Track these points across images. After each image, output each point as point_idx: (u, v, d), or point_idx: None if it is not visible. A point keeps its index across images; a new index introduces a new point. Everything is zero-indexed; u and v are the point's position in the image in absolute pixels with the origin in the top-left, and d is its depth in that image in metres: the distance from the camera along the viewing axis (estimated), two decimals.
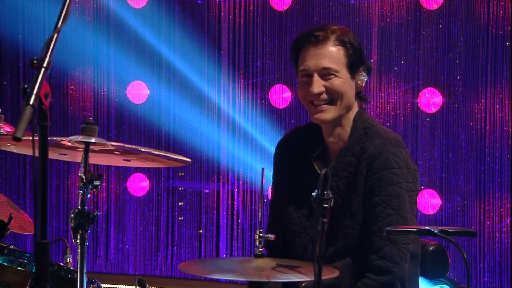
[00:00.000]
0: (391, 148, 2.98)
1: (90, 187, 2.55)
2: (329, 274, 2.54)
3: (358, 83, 3.06)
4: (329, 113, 3.03)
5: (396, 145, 3.00)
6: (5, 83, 6.29)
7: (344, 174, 2.99)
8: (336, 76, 3.00)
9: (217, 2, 5.97)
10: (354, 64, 3.03)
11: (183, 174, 6.12)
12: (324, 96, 3.01)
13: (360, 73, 3.05)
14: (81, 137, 2.59)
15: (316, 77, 3.00)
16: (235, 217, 5.99)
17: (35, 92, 2.07)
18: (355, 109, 3.08)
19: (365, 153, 2.98)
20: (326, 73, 3.00)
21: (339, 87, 3.01)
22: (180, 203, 6.12)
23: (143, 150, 2.69)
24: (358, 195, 2.97)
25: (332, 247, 2.98)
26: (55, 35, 2.17)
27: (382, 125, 3.14)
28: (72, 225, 2.53)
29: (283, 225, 3.16)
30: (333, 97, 3.01)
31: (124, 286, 6.01)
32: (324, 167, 3.07)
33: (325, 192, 2.29)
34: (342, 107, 3.03)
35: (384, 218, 2.92)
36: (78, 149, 2.70)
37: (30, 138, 2.09)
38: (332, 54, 3.01)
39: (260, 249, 2.60)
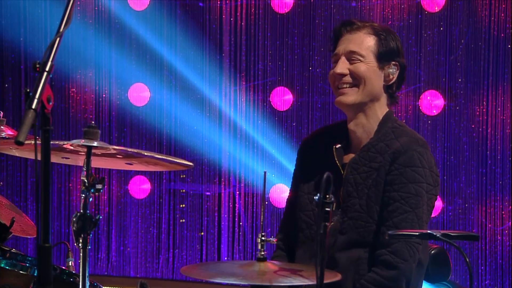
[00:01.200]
0: (417, 147, 3.00)
1: (92, 190, 2.55)
2: (331, 278, 2.54)
3: (389, 76, 3.08)
4: (350, 96, 3.06)
5: (423, 145, 3.02)
6: (7, 85, 6.29)
7: (364, 168, 3.00)
8: (361, 61, 3.06)
9: (218, 5, 5.97)
10: (384, 55, 3.07)
11: (184, 176, 6.11)
12: (348, 78, 3.06)
13: (389, 65, 3.07)
14: (83, 141, 2.58)
15: (342, 59, 3.07)
16: (236, 219, 5.98)
17: (37, 96, 2.07)
18: (383, 104, 3.10)
19: (390, 149, 2.99)
20: (352, 57, 3.06)
21: (363, 72, 3.05)
22: (181, 206, 6.12)
23: (146, 154, 2.69)
24: (378, 190, 2.97)
25: (343, 236, 2.99)
26: (58, 39, 2.17)
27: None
28: (74, 228, 2.52)
29: (297, 219, 3.17)
30: (356, 81, 3.05)
31: None
32: (344, 158, 3.10)
33: (327, 196, 2.28)
34: (365, 93, 3.06)
35: (400, 214, 2.93)
36: (80, 153, 2.70)
37: (33, 142, 2.08)
38: (361, 40, 3.07)
39: (263, 253, 2.60)
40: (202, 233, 6.05)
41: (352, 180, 3.01)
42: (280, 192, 5.82)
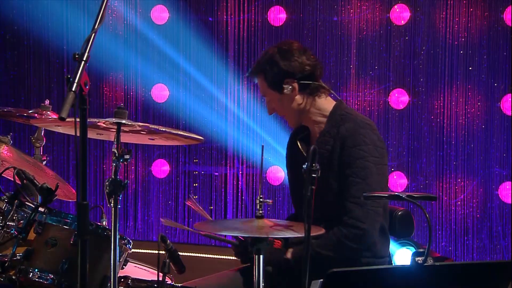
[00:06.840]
0: (360, 129, 2.96)
1: (121, 160, 2.54)
2: (316, 231, 2.55)
3: (291, 93, 2.99)
4: (289, 122, 3.12)
5: (364, 127, 2.98)
6: (52, 85, 6.30)
7: (322, 151, 2.96)
8: (271, 99, 3.04)
9: (225, 19, 5.96)
10: (275, 84, 2.99)
11: (197, 160, 6.12)
12: (278, 113, 3.10)
13: (285, 86, 2.98)
14: (114, 119, 2.58)
15: (266, 102, 3.09)
16: (239, 195, 5.99)
17: (76, 80, 2.08)
18: (316, 102, 3.03)
19: (339, 134, 2.96)
20: (266, 99, 3.07)
21: (278, 107, 3.05)
22: (194, 184, 6.12)
23: (163, 129, 2.70)
24: (333, 170, 2.95)
25: (314, 214, 2.97)
26: (93, 34, 2.18)
27: (358, 112, 3.12)
28: (107, 191, 2.52)
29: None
30: (280, 113, 3.08)
31: (149, 250, 6.00)
32: (307, 148, 3.09)
33: (314, 164, 2.29)
34: (294, 114, 3.04)
35: (354, 185, 2.90)
36: (111, 129, 2.70)
37: (73, 119, 2.09)
38: (260, 84, 3.06)
39: (261, 212, 2.61)
40: (212, 207, 6.05)
41: None
42: (276, 172, 5.82)
